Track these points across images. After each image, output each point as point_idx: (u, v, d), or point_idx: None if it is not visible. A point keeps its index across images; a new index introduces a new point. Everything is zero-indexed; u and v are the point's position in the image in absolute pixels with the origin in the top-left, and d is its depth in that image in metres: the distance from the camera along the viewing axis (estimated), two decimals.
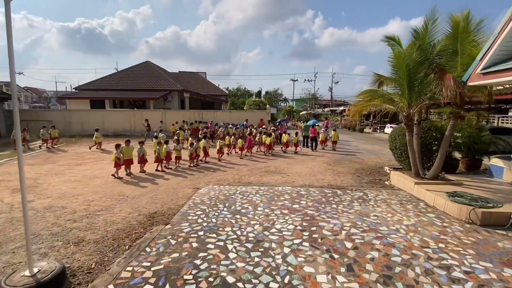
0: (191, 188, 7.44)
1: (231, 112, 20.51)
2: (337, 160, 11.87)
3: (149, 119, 19.82)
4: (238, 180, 8.30)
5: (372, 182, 8.28)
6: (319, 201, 6.26)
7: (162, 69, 29.71)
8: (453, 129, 6.82)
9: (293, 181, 8.19)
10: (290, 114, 50.99)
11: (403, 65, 6.50)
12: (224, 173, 9.26)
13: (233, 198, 6.43)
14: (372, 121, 32.15)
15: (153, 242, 4.32)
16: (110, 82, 25.76)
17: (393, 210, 5.82)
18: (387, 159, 12.09)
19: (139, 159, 9.37)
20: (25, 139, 13.63)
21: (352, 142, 18.83)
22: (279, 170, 9.73)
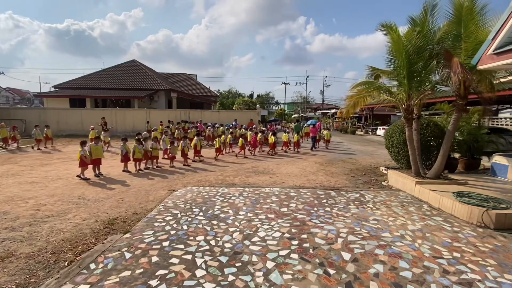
0: (166, 190, 6.53)
1: (220, 112, 19.65)
2: (330, 160, 11.17)
3: (133, 119, 18.79)
4: (221, 181, 7.44)
5: (368, 182, 7.58)
6: (311, 204, 5.48)
7: (149, 68, 28.66)
8: (456, 123, 6.21)
9: (282, 182, 7.39)
10: (281, 117, 50.49)
11: (403, 51, 5.86)
12: (207, 173, 8.38)
13: (212, 201, 5.57)
14: (364, 123, 31.91)
15: (102, 255, 3.41)
16: (92, 80, 24.53)
17: (395, 213, 5.09)
18: (382, 160, 11.48)
19: (122, 157, 8.42)
20: (15, 138, 12.93)
21: (344, 143, 18.26)
22: (267, 170, 8.93)
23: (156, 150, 9.43)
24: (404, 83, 6.23)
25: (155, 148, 9.37)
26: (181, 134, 13.98)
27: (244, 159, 11.11)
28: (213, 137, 15.20)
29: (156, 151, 9.43)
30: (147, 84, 24.30)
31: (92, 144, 7.98)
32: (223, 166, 9.59)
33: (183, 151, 9.86)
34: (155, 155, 9.36)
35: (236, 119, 18.35)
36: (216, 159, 10.87)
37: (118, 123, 18.38)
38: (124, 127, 18.40)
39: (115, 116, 18.48)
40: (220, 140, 11.31)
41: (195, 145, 10.64)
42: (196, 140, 10.72)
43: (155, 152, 9.37)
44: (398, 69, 6.31)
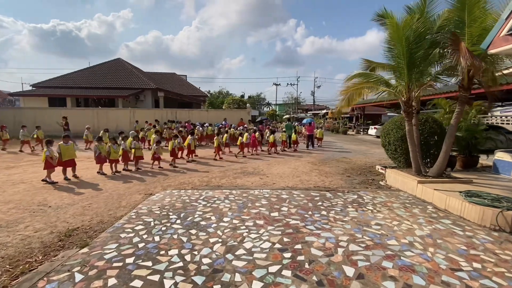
0: (143, 194, 5.80)
1: (209, 112, 18.89)
2: (323, 160, 10.65)
3: (117, 119, 17.82)
4: (206, 183, 6.76)
5: (365, 182, 7.06)
6: (305, 207, 4.88)
7: (135, 67, 27.62)
8: (460, 116, 5.76)
9: (273, 183, 6.78)
10: (273, 118, 50.07)
11: (402, 38, 5.36)
12: (191, 174, 7.68)
13: (193, 206, 4.89)
14: (355, 123, 31.79)
15: (44, 278, 2.70)
16: (74, 79, 23.35)
17: (398, 216, 4.54)
18: (377, 159, 11.06)
19: (96, 158, 7.63)
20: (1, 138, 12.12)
21: (337, 143, 17.86)
22: (257, 171, 8.30)
23: (139, 150, 8.68)
24: (403, 74, 5.74)
25: (137, 148, 8.62)
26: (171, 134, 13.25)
27: (233, 158, 10.45)
28: (202, 137, 14.51)
29: (139, 151, 8.68)
30: (133, 83, 23.32)
31: (62, 144, 7.16)
32: (211, 166, 8.90)
33: (174, 151, 9.18)
34: (138, 155, 8.61)
35: (225, 118, 17.68)
36: (216, 159, 10.37)
37: (100, 124, 17.36)
38: (107, 127, 17.36)
39: (97, 116, 17.47)
40: (218, 139, 10.75)
41: (189, 144, 10.07)
42: (190, 140, 10.10)
43: (138, 152, 8.62)
44: (397, 59, 5.81)
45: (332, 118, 35.28)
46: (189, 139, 10.10)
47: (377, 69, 7.42)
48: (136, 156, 8.61)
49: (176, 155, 9.31)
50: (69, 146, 7.28)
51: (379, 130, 23.77)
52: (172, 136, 10.36)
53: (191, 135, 10.36)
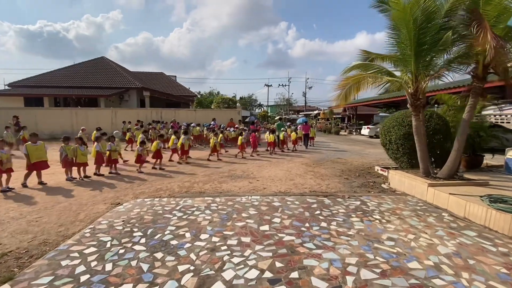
0: (108, 203, 4.89)
1: (196, 111, 17.90)
2: (318, 161, 9.92)
3: (97, 119, 16.64)
4: (186, 189, 5.89)
5: (365, 185, 6.34)
6: (301, 218, 4.08)
7: (120, 66, 26.37)
8: (473, 110, 5.11)
9: (264, 188, 5.97)
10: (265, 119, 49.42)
11: (410, 20, 4.67)
12: (171, 179, 6.78)
13: (166, 219, 4.02)
14: (347, 123, 31.41)
15: None
16: (54, 78, 21.97)
17: (412, 226, 3.81)
18: (373, 159, 10.40)
19: (62, 161, 6.64)
20: None
21: (330, 143, 17.23)
22: (246, 174, 7.47)
23: (115, 153, 7.73)
24: (410, 62, 5.05)
25: (114, 150, 7.66)
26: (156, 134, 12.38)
27: (222, 160, 9.59)
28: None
29: (115, 154, 7.73)
30: (117, 82, 22.13)
31: (29, 144, 6.20)
32: (195, 168, 8.01)
33: (158, 152, 8.33)
34: (114, 158, 7.66)
35: (214, 118, 16.78)
36: (209, 159, 9.74)
37: (79, 124, 16.15)
38: (87, 128, 16.21)
39: (76, 117, 16.28)
40: (215, 139, 10.01)
41: (183, 144, 9.26)
42: (183, 139, 9.25)
43: (114, 155, 7.67)
44: (403, 46, 5.13)
45: (324, 119, 34.84)
46: (182, 139, 9.27)
47: (377, 60, 6.76)
48: (112, 160, 7.66)
49: (161, 157, 8.45)
50: (38, 146, 6.34)
51: (373, 130, 23.39)
52: (158, 136, 9.50)
53: (184, 135, 9.50)
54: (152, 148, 8.59)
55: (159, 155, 8.38)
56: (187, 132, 10.09)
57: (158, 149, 8.39)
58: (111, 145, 7.67)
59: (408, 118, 6.94)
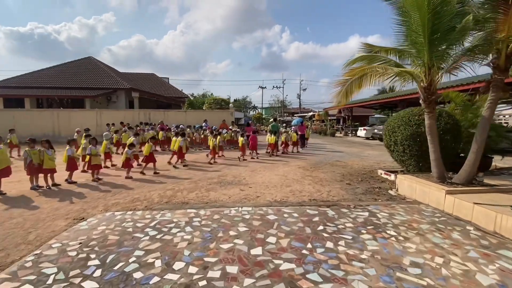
0: (71, 218, 4.09)
1: (187, 112, 17.05)
2: (315, 164, 9.24)
3: (81, 121, 15.68)
4: (167, 198, 5.12)
5: (370, 192, 5.67)
6: (301, 236, 3.36)
7: (108, 66, 25.37)
8: (494, 106, 4.52)
9: (257, 197, 5.24)
10: (259, 121, 48.81)
11: (424, 2, 4.03)
12: (152, 187, 6.00)
13: (135, 239, 3.25)
14: (343, 125, 30.97)
15: None
16: (38, 78, 20.87)
17: (437, 246, 3.13)
18: (374, 161, 9.79)
19: (26, 168, 5.79)
20: None
21: (326, 145, 16.61)
22: (238, 179, 6.73)
23: (96, 158, 6.88)
24: (423, 52, 4.42)
25: (94, 155, 6.82)
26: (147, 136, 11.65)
27: (210, 165, 8.81)
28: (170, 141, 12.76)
29: (96, 159, 6.89)
30: (104, 83, 21.17)
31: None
32: (181, 174, 7.23)
33: (151, 155, 7.63)
34: (94, 163, 6.82)
35: (206, 120, 16.00)
36: (211, 162, 9.13)
37: (62, 127, 15.23)
38: (70, 131, 15.24)
39: (57, 118, 15.29)
40: (214, 141, 9.41)
41: (180, 147, 8.55)
42: (182, 142, 8.55)
43: (94, 160, 6.82)
44: (414, 34, 4.49)
45: (319, 120, 34.39)
46: (180, 141, 8.55)
47: (381, 53, 6.15)
48: (92, 165, 6.83)
49: (154, 160, 7.79)
50: (1, 150, 5.52)
51: (369, 131, 22.90)
52: (149, 138, 8.75)
53: (181, 137, 8.78)
54: (144, 152, 7.88)
55: (152, 159, 7.68)
56: (184, 134, 9.41)
57: (151, 153, 7.70)
58: (91, 149, 6.86)
59: (415, 117, 6.33)
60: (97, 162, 6.96)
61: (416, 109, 6.55)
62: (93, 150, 6.89)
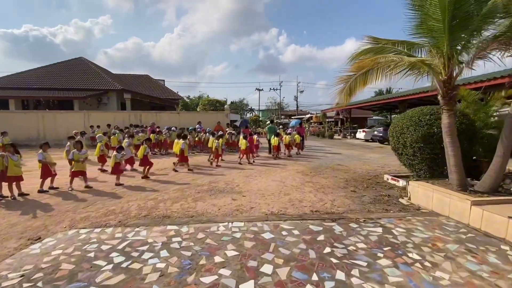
0: (24, 238, 3.38)
1: (180, 114, 16.31)
2: (315, 168, 8.60)
3: (67, 123, 14.92)
4: (147, 210, 4.43)
5: (379, 201, 5.04)
6: (304, 263, 2.70)
7: (99, 67, 24.56)
8: None
9: (251, 208, 4.57)
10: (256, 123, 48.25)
11: None
12: (134, 195, 5.30)
13: (94, 268, 2.56)
14: (341, 127, 30.45)
15: None
16: (24, 79, 20.01)
17: (473, 274, 2.49)
18: (378, 165, 9.18)
19: None
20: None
21: (325, 147, 16.01)
22: (231, 187, 6.06)
23: (79, 164, 6.13)
24: (442, 40, 3.82)
25: (77, 160, 6.08)
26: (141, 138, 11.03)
27: (203, 168, 8.13)
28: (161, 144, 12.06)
29: (78, 165, 6.14)
30: (95, 83, 20.40)
31: None
32: (174, 178, 6.53)
33: (145, 159, 7.13)
34: (77, 170, 6.09)
35: (200, 121, 15.32)
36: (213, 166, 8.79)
37: (47, 129, 14.44)
38: (55, 133, 14.48)
39: (42, 120, 14.49)
40: (216, 143, 8.90)
41: (182, 150, 7.96)
42: (183, 144, 7.99)
43: (77, 166, 6.08)
44: (431, 20, 3.89)
45: (317, 122, 33.87)
46: (181, 144, 8.02)
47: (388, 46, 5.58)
48: (73, 172, 6.10)
49: (150, 164, 7.26)
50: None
51: (369, 133, 22.33)
52: (144, 140, 8.11)
53: (183, 139, 8.23)
54: (138, 155, 7.30)
55: (147, 162, 7.14)
56: (186, 136, 8.84)
57: (145, 155, 7.12)
58: (73, 153, 6.14)
59: (425, 116, 5.73)
60: (80, 168, 6.22)
61: (426, 108, 5.96)
62: (75, 155, 6.15)
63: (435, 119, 5.60)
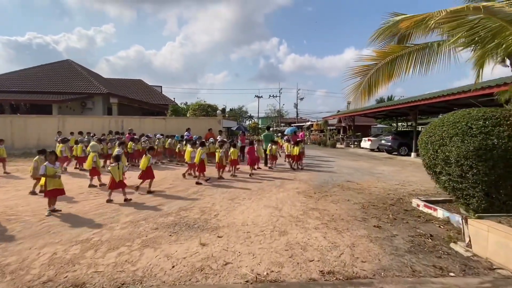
0: None
1: (166, 120, 14.65)
2: (320, 186, 6.93)
3: (39, 129, 13.31)
4: (55, 270, 2.73)
5: (421, 247, 3.36)
6: None
7: (87, 70, 23.07)
8: None
9: (226, 264, 2.89)
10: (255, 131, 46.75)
11: None
12: (55, 236, 3.62)
13: None
14: (343, 135, 28.85)
15: None
16: (3, 81, 18.53)
17: None
18: (397, 182, 7.53)
19: None
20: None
21: (329, 158, 14.34)
22: (206, 218, 4.37)
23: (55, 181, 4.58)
24: None
25: (51, 176, 4.50)
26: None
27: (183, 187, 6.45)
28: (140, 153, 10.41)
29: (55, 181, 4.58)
30: (80, 87, 18.92)
31: None
32: (131, 205, 4.86)
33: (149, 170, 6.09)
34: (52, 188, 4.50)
35: (189, 128, 13.68)
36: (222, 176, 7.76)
37: (16, 135, 12.81)
38: (25, 140, 12.87)
39: (10, 126, 12.88)
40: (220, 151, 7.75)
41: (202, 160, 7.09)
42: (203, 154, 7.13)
43: (52, 184, 4.52)
44: None
45: (318, 130, 32.31)
46: (200, 152, 7.08)
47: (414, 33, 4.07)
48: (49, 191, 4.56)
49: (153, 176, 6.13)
50: None
51: (375, 142, 20.55)
52: (147, 149, 6.57)
53: (201, 146, 7.35)
54: (141, 166, 6.04)
55: (150, 175, 6.03)
56: (204, 144, 7.80)
57: (149, 167, 5.97)
58: (46, 167, 4.53)
59: (478, 122, 4.10)
60: (56, 185, 4.64)
61: (475, 111, 4.32)
62: (50, 169, 4.55)
63: (492, 125, 3.98)
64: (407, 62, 4.18)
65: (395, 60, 4.19)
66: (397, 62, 4.20)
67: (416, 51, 4.08)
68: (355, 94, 4.65)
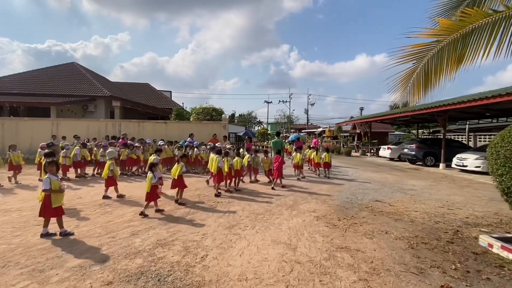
0: None
1: (167, 124, 13.55)
2: (343, 207, 5.50)
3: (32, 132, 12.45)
4: None
5: None
6: None
7: (92, 72, 22.53)
8: None
9: None
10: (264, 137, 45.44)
11: None
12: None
13: None
14: (359, 142, 27.11)
15: None
16: (4, 84, 18.06)
17: None
18: (440, 204, 6.01)
19: None
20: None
21: (346, 168, 12.80)
22: (187, 261, 3.05)
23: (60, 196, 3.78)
24: None
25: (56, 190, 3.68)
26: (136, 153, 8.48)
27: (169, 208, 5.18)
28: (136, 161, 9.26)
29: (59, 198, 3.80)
30: (82, 90, 18.23)
31: None
32: (97, 235, 3.63)
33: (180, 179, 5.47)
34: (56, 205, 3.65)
35: (192, 133, 12.52)
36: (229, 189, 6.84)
37: (6, 138, 11.98)
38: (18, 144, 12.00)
39: (1, 129, 12.08)
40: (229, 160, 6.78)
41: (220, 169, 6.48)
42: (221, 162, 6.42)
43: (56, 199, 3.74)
44: None
45: (331, 137, 30.64)
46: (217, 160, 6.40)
47: None
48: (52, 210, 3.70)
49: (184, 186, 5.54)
50: None
51: (395, 151, 18.32)
52: (179, 157, 5.74)
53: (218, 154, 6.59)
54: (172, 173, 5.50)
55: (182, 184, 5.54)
56: (221, 152, 6.75)
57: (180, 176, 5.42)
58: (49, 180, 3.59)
59: None
60: (60, 202, 3.70)
61: None
62: (54, 181, 3.63)
63: None
64: (489, 38, 2.77)
65: (471, 35, 2.80)
66: (474, 37, 2.81)
67: (510, 18, 2.67)
68: (404, 86, 3.27)
